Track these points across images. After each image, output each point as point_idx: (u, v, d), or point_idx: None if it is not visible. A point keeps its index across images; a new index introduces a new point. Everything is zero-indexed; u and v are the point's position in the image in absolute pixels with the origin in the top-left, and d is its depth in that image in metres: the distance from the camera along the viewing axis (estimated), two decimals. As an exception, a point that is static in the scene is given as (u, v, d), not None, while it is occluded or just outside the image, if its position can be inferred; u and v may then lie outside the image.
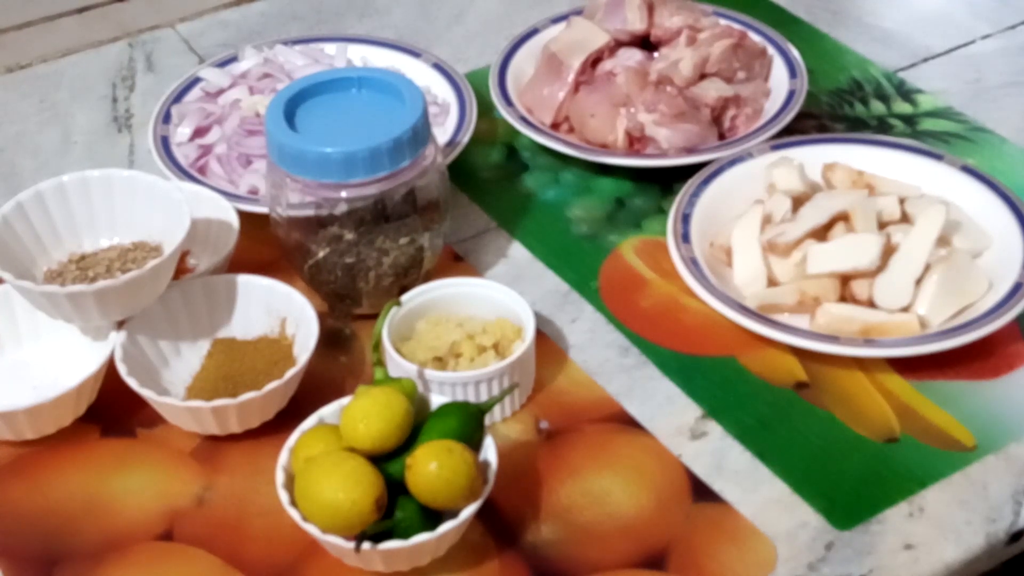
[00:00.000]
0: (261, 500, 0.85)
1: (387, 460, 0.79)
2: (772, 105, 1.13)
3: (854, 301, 0.95)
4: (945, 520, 0.83)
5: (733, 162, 1.06)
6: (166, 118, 1.12)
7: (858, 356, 0.91)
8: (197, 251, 1.00)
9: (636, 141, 1.09)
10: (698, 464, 0.87)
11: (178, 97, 1.15)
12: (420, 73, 1.16)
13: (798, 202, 1.01)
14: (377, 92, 0.94)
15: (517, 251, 1.05)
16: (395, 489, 0.78)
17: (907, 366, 0.92)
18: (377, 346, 0.87)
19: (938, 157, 1.05)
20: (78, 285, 0.87)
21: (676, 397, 0.92)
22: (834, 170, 1.04)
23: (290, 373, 0.87)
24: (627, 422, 0.90)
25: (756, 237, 0.98)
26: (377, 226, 0.93)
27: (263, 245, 1.00)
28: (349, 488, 0.75)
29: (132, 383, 0.87)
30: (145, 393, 0.87)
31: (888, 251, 0.95)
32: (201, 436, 0.89)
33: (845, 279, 0.95)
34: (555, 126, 1.14)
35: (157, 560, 0.82)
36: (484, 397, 0.88)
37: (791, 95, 1.13)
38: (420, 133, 0.91)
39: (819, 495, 0.84)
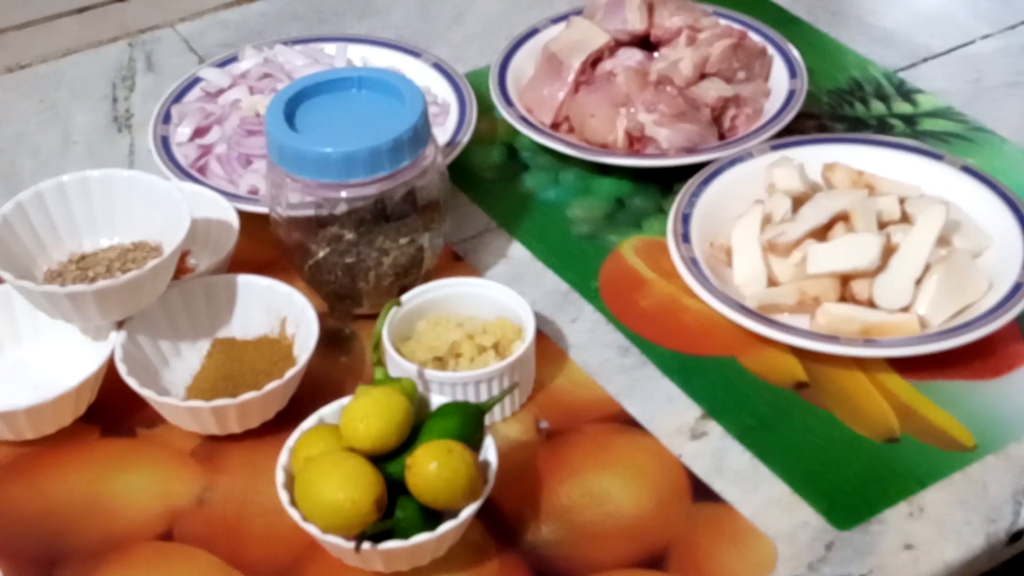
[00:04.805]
0: (261, 500, 0.85)
1: (387, 460, 0.79)
2: (772, 105, 1.13)
3: (854, 301, 0.95)
4: (945, 520, 0.83)
5: (733, 162, 1.06)
6: (166, 118, 1.12)
7: (858, 356, 0.91)
8: (197, 251, 1.00)
9: (636, 141, 1.09)
10: (698, 464, 0.87)
11: (178, 97, 1.15)
12: (420, 73, 1.16)
13: (798, 202, 1.01)
14: (377, 92, 0.94)
15: (517, 251, 1.05)
16: (395, 489, 0.78)
17: (907, 366, 0.92)
18: (377, 346, 0.87)
19: (938, 157, 1.05)
20: (78, 285, 0.87)
21: (676, 397, 0.92)
22: (834, 170, 1.04)
23: (290, 373, 0.87)
24: (627, 422, 0.90)
25: (756, 237, 0.98)
26: (377, 226, 0.93)
27: (263, 245, 1.00)
28: (349, 488, 0.75)
29: (132, 383, 0.87)
30: (145, 393, 0.87)
31: (888, 251, 0.95)
32: (201, 436, 0.89)
33: (845, 279, 0.95)
34: (555, 126, 1.14)
35: (157, 560, 0.82)
36: (484, 397, 0.88)
37: (791, 95, 1.13)
38: (420, 133, 0.91)
39: (819, 495, 0.84)
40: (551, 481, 0.86)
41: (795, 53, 1.18)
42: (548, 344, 0.95)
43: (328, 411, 0.84)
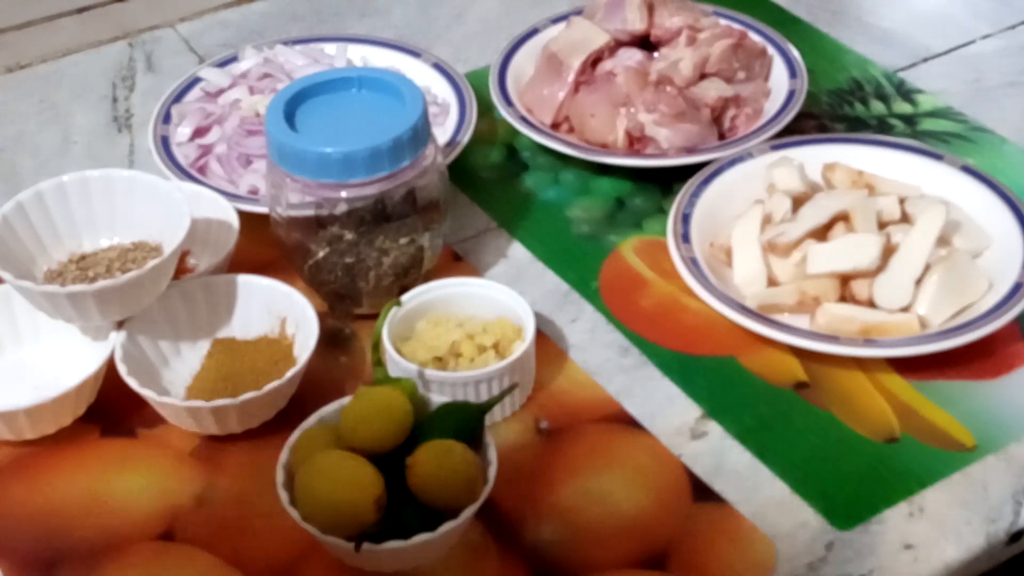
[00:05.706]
0: (261, 500, 0.85)
1: (387, 460, 0.79)
2: (772, 105, 1.13)
3: (854, 301, 0.95)
4: (945, 520, 0.83)
5: (733, 162, 1.06)
6: (166, 118, 1.12)
7: (858, 356, 0.91)
8: (197, 251, 1.00)
9: (636, 141, 1.09)
10: (698, 464, 0.87)
11: (178, 97, 1.15)
12: (420, 73, 1.16)
13: (798, 202, 1.01)
14: (377, 92, 0.94)
15: (517, 251, 1.05)
16: (395, 489, 0.78)
17: (907, 366, 0.92)
18: (377, 346, 0.87)
19: (938, 157, 1.05)
20: (78, 285, 0.87)
21: (676, 397, 0.92)
22: (834, 170, 1.04)
23: (290, 373, 0.87)
24: (627, 422, 0.90)
25: (756, 237, 0.98)
26: (377, 226, 0.93)
27: (263, 245, 1.00)
28: (349, 488, 0.75)
29: (132, 383, 0.87)
30: (145, 393, 0.87)
31: (888, 251, 0.95)
32: (201, 436, 0.89)
33: (845, 279, 0.95)
34: (555, 126, 1.14)
35: (157, 560, 0.82)
36: (484, 397, 0.88)
37: (791, 95, 1.13)
38: (420, 133, 0.91)
39: (819, 495, 0.84)
40: (551, 481, 0.86)
41: (795, 53, 1.18)
42: (548, 344, 0.95)
43: (328, 411, 0.84)
